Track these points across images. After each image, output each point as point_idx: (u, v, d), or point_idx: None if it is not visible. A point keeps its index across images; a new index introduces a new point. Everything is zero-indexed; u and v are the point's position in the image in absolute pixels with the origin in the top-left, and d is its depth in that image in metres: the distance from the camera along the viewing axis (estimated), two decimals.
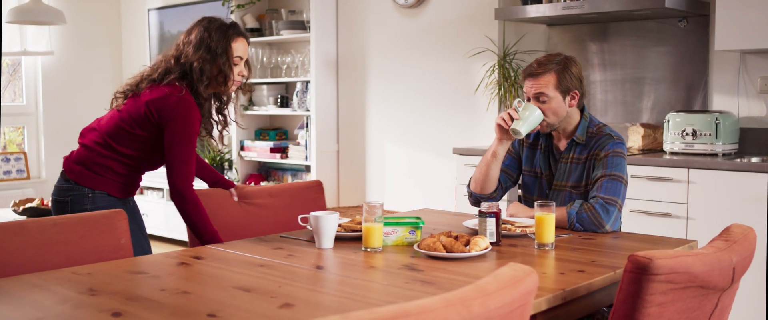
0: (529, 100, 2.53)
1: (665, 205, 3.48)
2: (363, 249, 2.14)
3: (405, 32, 4.90)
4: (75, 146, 2.68)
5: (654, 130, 3.96)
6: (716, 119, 3.59)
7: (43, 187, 6.52)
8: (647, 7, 3.61)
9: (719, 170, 3.34)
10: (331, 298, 1.67)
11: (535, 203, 2.19)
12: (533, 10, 4.00)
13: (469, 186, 2.70)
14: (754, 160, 3.53)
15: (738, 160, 3.50)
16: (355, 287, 1.76)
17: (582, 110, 2.58)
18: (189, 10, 6.31)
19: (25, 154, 6.52)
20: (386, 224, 2.21)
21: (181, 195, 2.46)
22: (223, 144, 2.76)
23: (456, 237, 2.11)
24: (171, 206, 5.05)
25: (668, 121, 3.74)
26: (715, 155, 3.59)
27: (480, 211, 2.23)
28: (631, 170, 3.57)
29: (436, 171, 4.79)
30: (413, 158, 4.95)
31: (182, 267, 1.97)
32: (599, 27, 4.26)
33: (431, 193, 4.80)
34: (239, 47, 2.54)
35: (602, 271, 1.89)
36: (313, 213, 2.20)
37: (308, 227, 2.24)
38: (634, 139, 3.97)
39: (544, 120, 2.51)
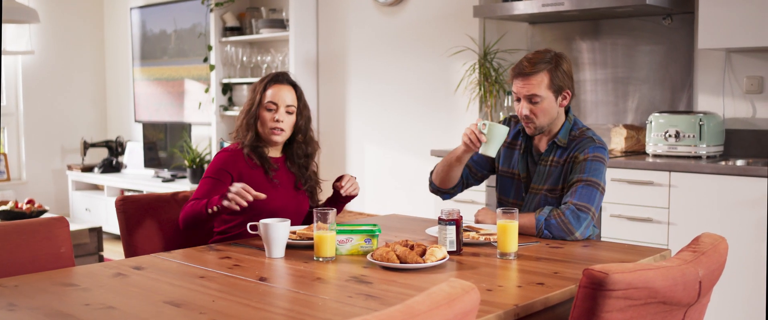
0: (518, 100, 2.39)
1: (646, 210, 3.36)
2: (315, 258, 2.03)
3: (385, 31, 4.78)
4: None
5: (637, 131, 3.83)
6: (700, 120, 3.46)
7: (23, 189, 6.40)
8: (629, 4, 3.49)
9: (701, 173, 3.22)
10: (264, 315, 1.55)
11: (498, 209, 2.07)
12: (512, 8, 3.88)
13: (431, 173, 2.60)
14: (739, 162, 3.41)
15: (723, 162, 3.38)
16: (293, 301, 1.64)
17: (567, 111, 2.45)
18: (171, 9, 6.19)
19: (5, 155, 6.40)
20: (339, 232, 2.09)
21: (183, 210, 2.39)
22: (317, 200, 2.64)
23: (412, 247, 1.99)
24: None
25: (651, 122, 3.61)
26: (699, 157, 3.47)
27: (440, 218, 2.11)
28: (611, 173, 3.45)
29: (416, 173, 4.66)
30: (394, 160, 4.83)
31: (118, 278, 1.85)
32: (582, 25, 4.13)
33: (412, 196, 4.68)
34: (273, 93, 2.45)
35: (563, 284, 1.77)
36: (262, 221, 2.08)
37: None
38: (617, 140, 3.85)
39: (532, 123, 2.37)
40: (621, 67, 4.03)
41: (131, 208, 2.59)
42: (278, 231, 2.05)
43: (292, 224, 2.46)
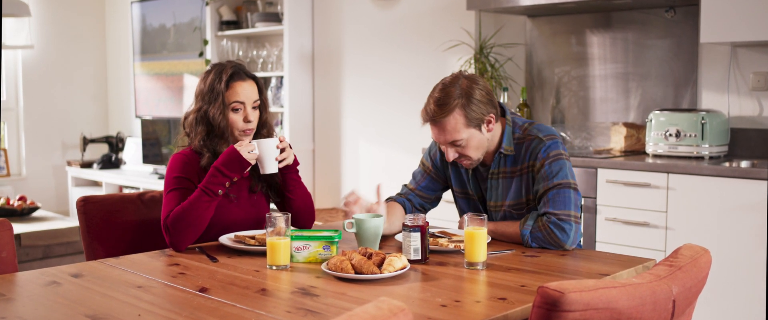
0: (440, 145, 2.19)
1: (642, 213, 3.18)
2: (268, 267, 1.89)
3: (380, 25, 4.63)
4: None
5: (638, 130, 3.65)
6: (702, 119, 3.27)
7: (22, 185, 6.34)
8: None
9: (701, 175, 3.03)
10: None
11: (465, 215, 1.92)
12: (508, 0, 3.71)
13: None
14: (744, 164, 3.22)
15: (726, 164, 3.19)
16: (225, 317, 1.50)
17: (503, 113, 2.22)
18: (170, 3, 6.09)
19: (5, 150, 6.34)
20: (295, 238, 1.95)
21: (165, 229, 2.12)
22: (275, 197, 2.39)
23: (370, 256, 1.84)
24: None
25: (651, 121, 3.42)
26: (701, 158, 3.28)
27: (404, 224, 1.96)
28: (607, 173, 3.28)
29: (410, 170, 4.49)
30: (388, 156, 4.68)
31: (50, 287, 1.73)
32: (582, 19, 3.95)
33: None
34: (236, 91, 2.20)
35: (527, 299, 1.61)
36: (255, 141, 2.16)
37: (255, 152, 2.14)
38: (616, 139, 3.67)
39: (466, 161, 2.17)
40: (623, 63, 3.85)
41: (92, 209, 2.47)
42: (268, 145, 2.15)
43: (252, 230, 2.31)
